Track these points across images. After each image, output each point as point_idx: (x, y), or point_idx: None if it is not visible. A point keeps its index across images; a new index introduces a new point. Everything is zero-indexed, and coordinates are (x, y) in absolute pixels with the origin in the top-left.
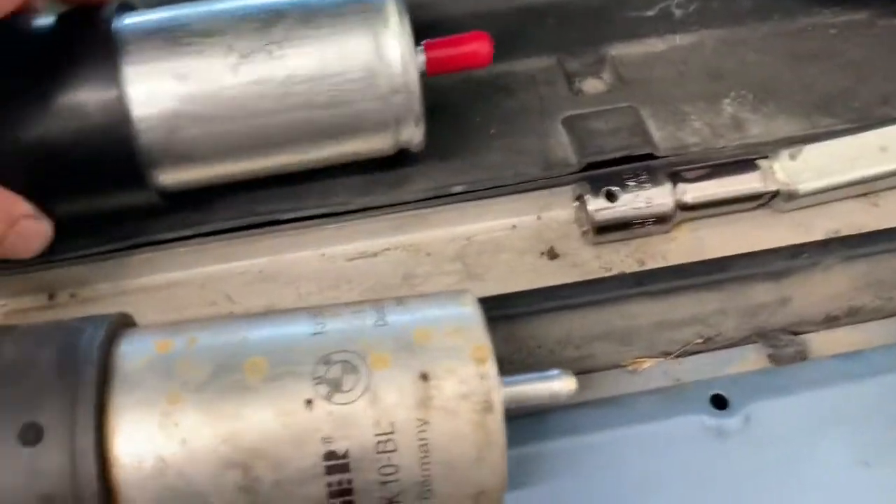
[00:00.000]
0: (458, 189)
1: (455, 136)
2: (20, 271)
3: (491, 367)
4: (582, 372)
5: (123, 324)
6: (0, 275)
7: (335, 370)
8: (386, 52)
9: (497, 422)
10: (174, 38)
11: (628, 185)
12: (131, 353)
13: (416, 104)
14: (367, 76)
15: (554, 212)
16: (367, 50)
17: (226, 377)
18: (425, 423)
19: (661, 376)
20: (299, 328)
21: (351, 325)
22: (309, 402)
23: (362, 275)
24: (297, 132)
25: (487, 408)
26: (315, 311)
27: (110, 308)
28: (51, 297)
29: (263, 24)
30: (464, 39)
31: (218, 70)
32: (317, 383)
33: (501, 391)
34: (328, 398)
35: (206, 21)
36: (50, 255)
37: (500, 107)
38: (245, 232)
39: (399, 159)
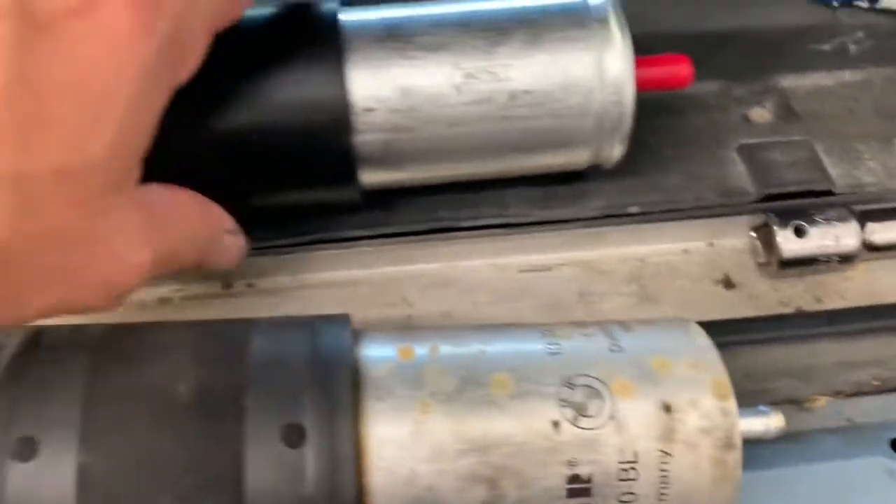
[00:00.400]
0: (636, 210)
1: (630, 154)
2: None
3: (733, 404)
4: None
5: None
6: None
7: (579, 393)
8: (608, 72)
9: (736, 459)
10: (400, 49)
11: (817, 220)
12: (375, 357)
13: (628, 122)
14: (587, 96)
15: (727, 240)
16: (591, 72)
17: (473, 390)
18: (667, 454)
19: (833, 415)
20: (534, 346)
21: (586, 348)
22: (556, 423)
23: (537, 288)
24: (505, 146)
25: (728, 444)
26: (543, 328)
27: (290, 301)
28: (226, 285)
29: (490, 42)
30: (668, 60)
31: (442, 88)
32: (562, 405)
33: (740, 428)
34: (573, 421)
35: (432, 33)
36: None
37: (673, 129)
38: (422, 236)
39: (576, 174)
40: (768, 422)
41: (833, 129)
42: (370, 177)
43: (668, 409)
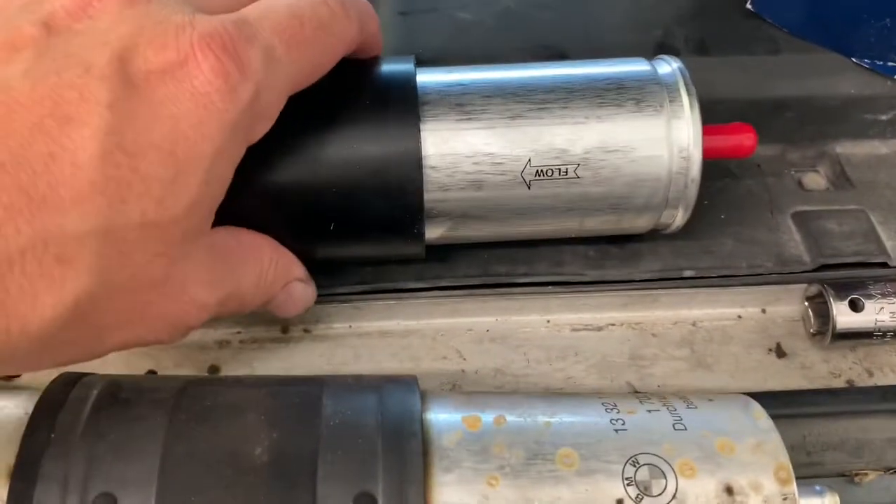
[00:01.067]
0: (690, 274)
1: None
2: None
3: (794, 488)
4: (806, 477)
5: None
6: None
7: (643, 472)
8: (676, 142)
9: None
10: (474, 140)
11: (872, 294)
12: (442, 424)
13: (693, 191)
14: (655, 173)
15: (780, 307)
16: (662, 171)
17: (540, 465)
18: None
19: (882, 491)
20: (598, 419)
21: (650, 425)
22: (619, 502)
23: (589, 348)
24: (571, 217)
25: None
26: (605, 400)
27: (344, 347)
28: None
29: (565, 141)
30: (733, 129)
31: (512, 184)
32: (627, 484)
33: None
34: (637, 500)
35: (507, 129)
36: None
37: (727, 192)
38: (477, 290)
39: (631, 235)
40: (824, 502)
41: (888, 198)
42: (434, 234)
43: (729, 491)
